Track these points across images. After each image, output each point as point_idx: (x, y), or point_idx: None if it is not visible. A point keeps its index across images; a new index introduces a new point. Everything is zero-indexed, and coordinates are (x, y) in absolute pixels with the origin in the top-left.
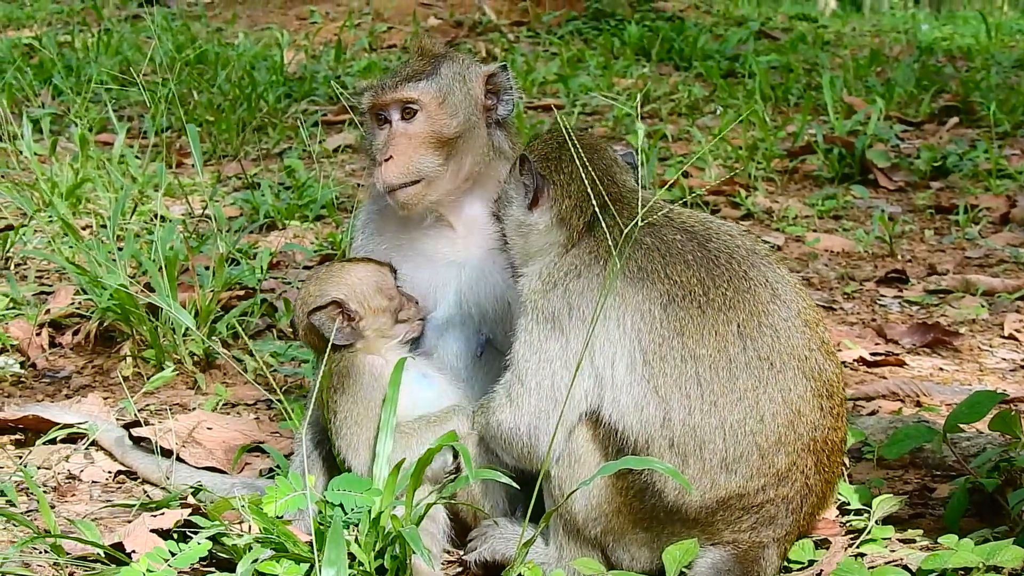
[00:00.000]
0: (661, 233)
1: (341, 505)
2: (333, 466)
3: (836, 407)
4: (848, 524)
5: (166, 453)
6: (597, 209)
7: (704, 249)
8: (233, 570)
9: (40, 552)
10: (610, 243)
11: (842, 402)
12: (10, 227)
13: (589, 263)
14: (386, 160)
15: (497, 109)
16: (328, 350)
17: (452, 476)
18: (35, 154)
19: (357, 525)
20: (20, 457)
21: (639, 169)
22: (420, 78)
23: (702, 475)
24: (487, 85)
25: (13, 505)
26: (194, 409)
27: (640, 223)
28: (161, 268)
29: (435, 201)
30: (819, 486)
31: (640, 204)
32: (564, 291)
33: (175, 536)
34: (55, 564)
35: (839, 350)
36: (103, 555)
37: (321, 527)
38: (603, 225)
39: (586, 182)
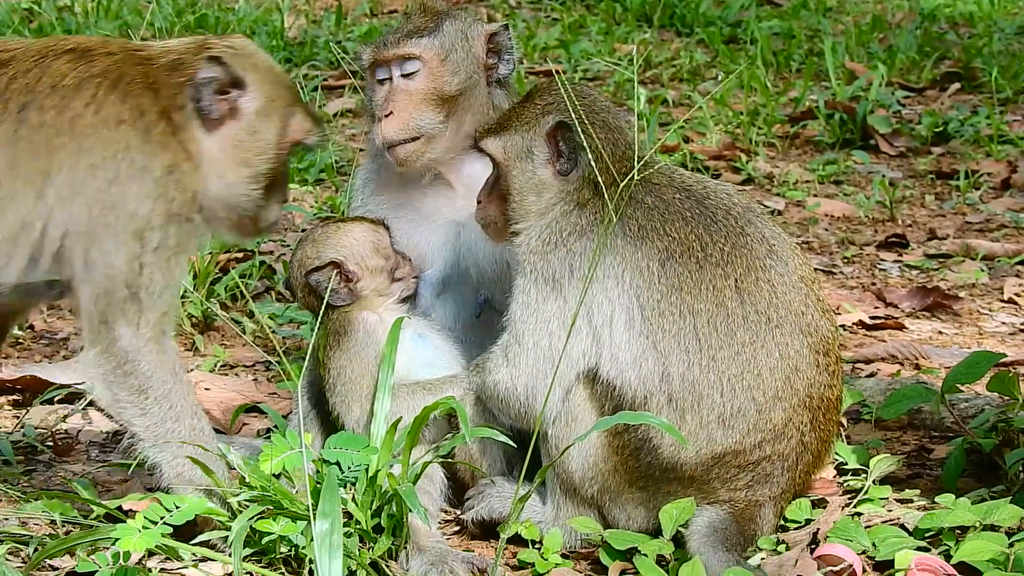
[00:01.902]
0: (661, 192)
1: (338, 463)
2: (331, 426)
3: (832, 364)
4: (845, 484)
5: None
6: (619, 177)
7: (702, 206)
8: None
9: (38, 511)
10: (608, 204)
11: (837, 360)
12: None
13: (594, 224)
14: (386, 116)
15: (498, 68)
16: (324, 309)
17: (449, 435)
18: None
19: (354, 484)
20: (18, 417)
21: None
22: (423, 34)
23: (699, 430)
24: (489, 44)
25: (11, 464)
26: (192, 370)
27: (640, 183)
28: None
29: (434, 159)
30: (814, 444)
31: (636, 161)
32: (567, 252)
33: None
34: (52, 523)
35: (838, 313)
36: (100, 513)
37: (318, 485)
38: (604, 193)
39: (600, 150)
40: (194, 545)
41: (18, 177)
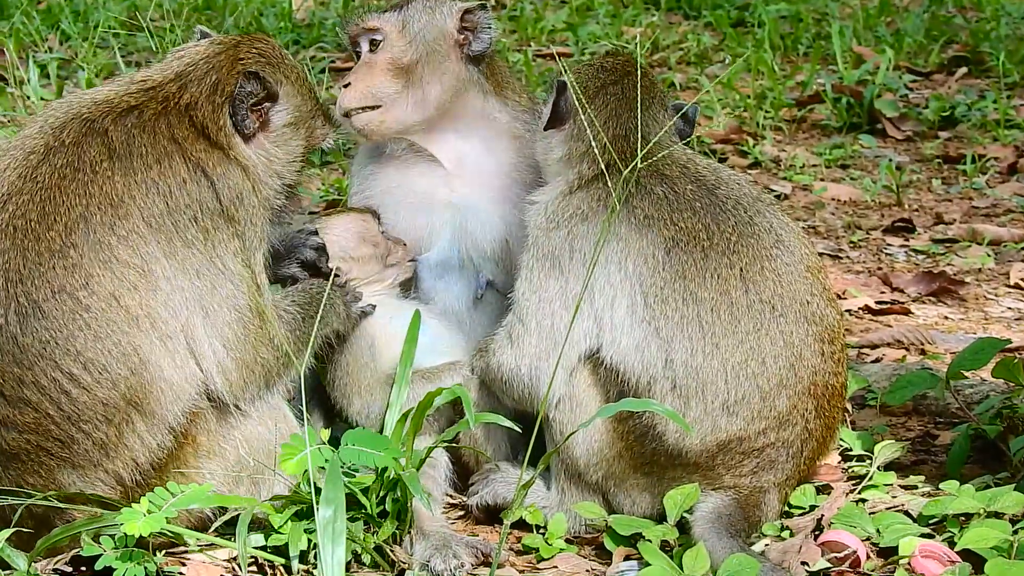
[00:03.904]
0: (673, 183)
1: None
2: (332, 410)
3: (837, 353)
4: (850, 470)
5: None
6: (606, 164)
7: (712, 196)
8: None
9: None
10: (612, 192)
11: (843, 348)
12: None
13: (596, 209)
14: (345, 86)
15: (471, 45)
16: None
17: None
18: (42, 99)
19: (358, 471)
20: None
21: (693, 124)
22: (387, 8)
23: (704, 417)
24: (462, 21)
25: None
26: None
27: (652, 172)
28: None
29: (399, 130)
30: (819, 431)
31: (640, 150)
32: (568, 233)
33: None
34: (58, 508)
35: (844, 298)
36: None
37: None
38: (606, 175)
39: (596, 131)
40: (199, 531)
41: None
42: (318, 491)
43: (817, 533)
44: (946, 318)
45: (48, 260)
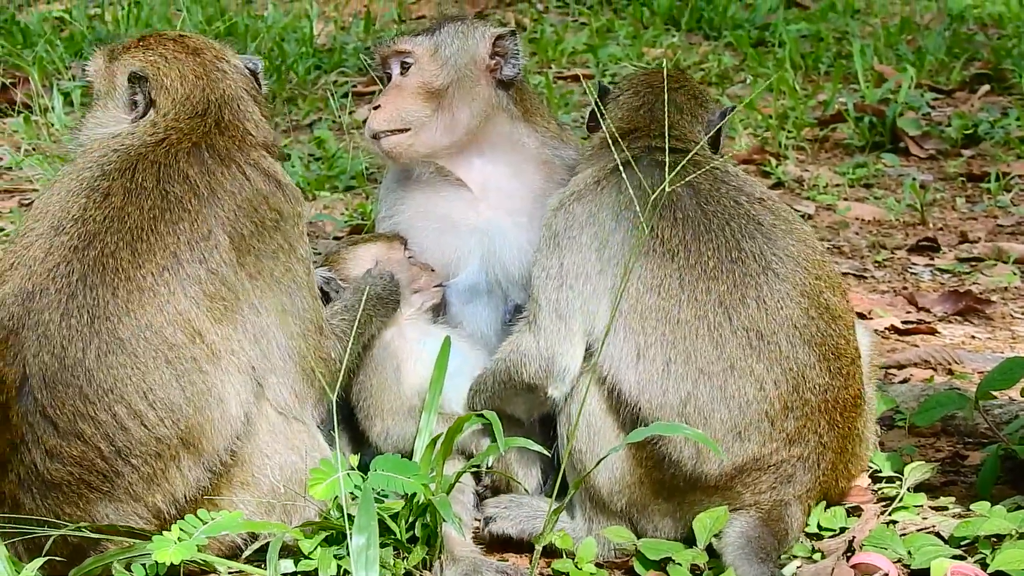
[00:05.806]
0: (660, 182)
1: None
2: (360, 433)
3: (846, 366)
4: (880, 491)
5: None
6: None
7: (700, 210)
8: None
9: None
10: (612, 168)
11: (852, 360)
12: None
13: (591, 186)
14: (375, 108)
15: (502, 70)
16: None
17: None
18: (66, 126)
19: (387, 496)
20: None
21: (720, 133)
22: (419, 32)
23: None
24: (494, 47)
25: None
26: None
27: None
28: None
29: (427, 154)
30: (834, 442)
31: (653, 133)
32: (565, 212)
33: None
34: (90, 536)
35: (869, 318)
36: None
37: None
38: (610, 142)
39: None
40: (229, 559)
41: None
42: (349, 517)
43: (848, 555)
44: (973, 337)
45: (137, 297)
